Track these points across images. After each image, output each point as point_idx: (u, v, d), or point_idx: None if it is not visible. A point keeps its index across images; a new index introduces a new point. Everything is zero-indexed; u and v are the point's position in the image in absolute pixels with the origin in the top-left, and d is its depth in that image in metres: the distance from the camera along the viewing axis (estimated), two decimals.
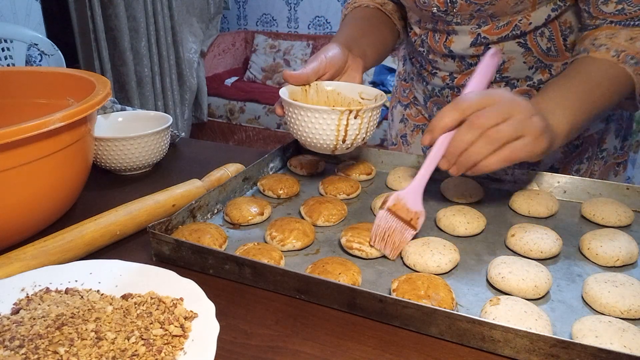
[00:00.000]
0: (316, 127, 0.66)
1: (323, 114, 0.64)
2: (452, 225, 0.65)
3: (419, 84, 0.99)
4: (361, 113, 0.65)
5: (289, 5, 3.91)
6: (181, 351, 0.43)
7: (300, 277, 0.52)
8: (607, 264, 0.59)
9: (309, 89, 0.74)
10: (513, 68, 0.83)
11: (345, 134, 0.66)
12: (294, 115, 0.67)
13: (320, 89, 0.75)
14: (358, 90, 0.75)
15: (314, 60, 0.74)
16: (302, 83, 0.73)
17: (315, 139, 0.67)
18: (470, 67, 0.85)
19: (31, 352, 0.41)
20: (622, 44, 0.69)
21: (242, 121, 3.51)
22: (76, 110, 0.59)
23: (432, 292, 0.50)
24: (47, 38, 1.84)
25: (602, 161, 0.93)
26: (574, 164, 0.91)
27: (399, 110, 1.08)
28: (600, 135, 0.91)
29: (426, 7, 0.81)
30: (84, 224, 0.61)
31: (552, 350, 0.43)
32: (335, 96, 0.76)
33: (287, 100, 0.67)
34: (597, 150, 0.92)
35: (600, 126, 0.89)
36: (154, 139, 0.83)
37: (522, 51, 0.81)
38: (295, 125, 0.68)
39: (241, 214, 0.67)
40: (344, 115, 0.64)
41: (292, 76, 0.72)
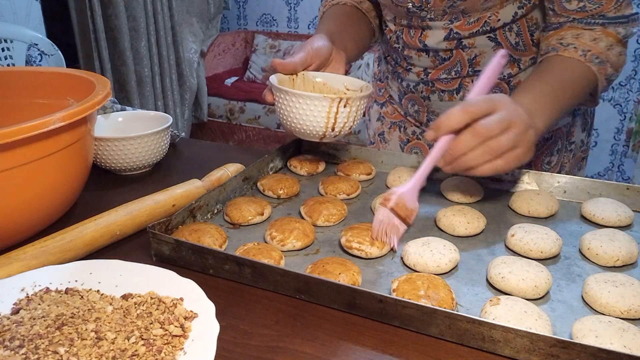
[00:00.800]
0: (307, 114, 0.67)
1: (315, 101, 0.65)
2: (452, 225, 0.65)
3: (394, 82, 1.01)
4: (351, 101, 0.66)
5: (289, 5, 3.91)
6: (181, 351, 0.43)
7: (300, 277, 0.52)
8: (607, 264, 0.59)
9: (296, 78, 0.75)
10: (484, 62, 0.86)
11: (335, 121, 0.67)
12: (284, 102, 0.68)
13: (307, 79, 0.77)
14: (343, 82, 0.77)
15: (301, 50, 0.76)
16: (290, 72, 0.75)
17: (305, 125, 0.68)
18: (444, 61, 0.88)
19: (31, 352, 0.41)
20: (588, 43, 0.74)
21: (242, 121, 3.51)
22: (76, 110, 0.59)
23: (432, 292, 0.50)
24: (47, 38, 1.84)
25: (571, 154, 0.98)
26: (544, 156, 0.96)
27: (375, 110, 1.11)
28: (568, 128, 0.96)
29: (401, 4, 0.84)
30: (84, 224, 0.61)
31: (552, 350, 0.43)
32: (321, 86, 0.77)
33: (279, 87, 0.68)
34: (566, 143, 0.96)
35: (567, 120, 0.95)
36: (154, 139, 0.83)
37: (492, 45, 0.85)
38: (286, 112, 0.69)
39: (241, 214, 0.67)
40: (335, 102, 0.65)
41: (282, 64, 0.74)
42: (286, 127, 0.72)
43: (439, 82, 0.91)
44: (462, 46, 0.85)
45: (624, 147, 2.98)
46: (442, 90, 0.92)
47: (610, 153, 3.07)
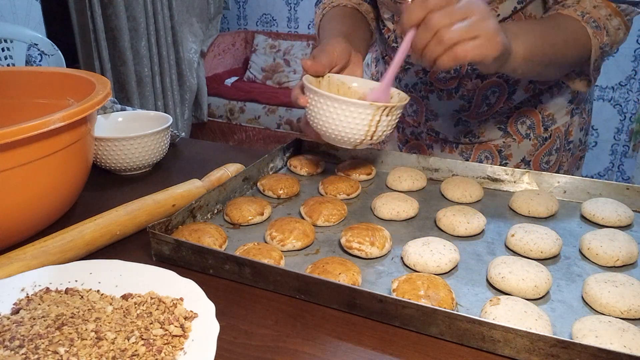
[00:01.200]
0: (349, 121, 0.64)
1: (359, 108, 0.63)
2: (452, 225, 0.65)
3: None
4: (394, 110, 0.65)
5: (289, 5, 3.91)
6: (181, 351, 0.43)
7: (300, 277, 0.52)
8: (607, 264, 0.59)
9: (322, 80, 0.73)
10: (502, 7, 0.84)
11: (375, 129, 0.66)
12: (323, 107, 0.65)
13: (332, 82, 0.74)
14: (369, 86, 0.74)
15: (323, 53, 0.73)
16: (320, 74, 0.73)
17: (344, 132, 0.66)
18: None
19: (31, 352, 0.41)
20: (587, 8, 0.74)
21: (242, 121, 3.51)
22: (76, 110, 0.59)
23: (432, 292, 0.50)
24: (47, 38, 1.84)
25: (569, 153, 0.98)
26: (543, 155, 0.96)
27: None
28: (567, 127, 0.96)
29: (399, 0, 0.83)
30: (84, 224, 0.61)
31: (552, 350, 0.43)
32: (346, 90, 0.75)
33: (318, 91, 0.65)
34: (564, 142, 0.96)
35: (566, 119, 0.95)
36: (154, 139, 0.83)
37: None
38: (323, 117, 0.66)
39: (241, 214, 0.67)
40: (379, 110, 0.64)
41: (313, 66, 0.71)
42: (319, 131, 0.69)
43: (437, 82, 0.91)
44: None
45: (624, 147, 2.98)
46: (441, 90, 0.91)
47: (610, 153, 3.07)
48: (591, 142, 3.07)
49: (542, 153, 0.95)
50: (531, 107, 0.92)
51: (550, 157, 0.96)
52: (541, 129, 0.94)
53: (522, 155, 0.95)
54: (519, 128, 0.93)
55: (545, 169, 0.96)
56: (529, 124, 0.93)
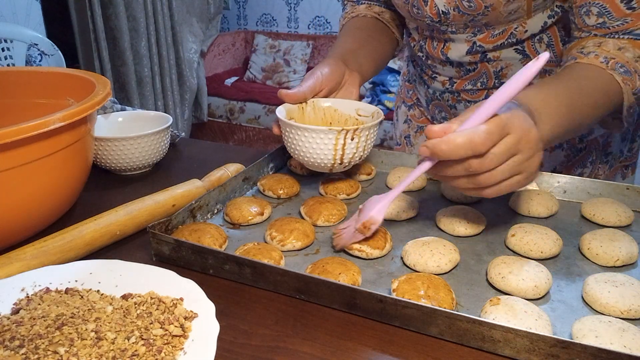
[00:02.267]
0: (313, 147, 0.66)
1: (320, 134, 0.64)
2: (452, 225, 0.65)
3: (421, 87, 0.99)
4: (358, 132, 0.64)
5: (289, 5, 3.91)
6: (181, 351, 0.43)
7: (300, 277, 0.52)
8: (607, 264, 0.59)
9: (306, 106, 0.75)
10: (511, 75, 0.81)
11: (342, 153, 0.66)
12: (291, 135, 0.67)
13: (317, 106, 0.75)
14: (355, 107, 0.75)
15: (310, 77, 0.73)
16: (298, 102, 0.73)
17: (312, 158, 0.67)
18: (469, 73, 0.85)
19: (31, 352, 0.41)
20: (611, 52, 0.67)
21: (242, 121, 3.51)
22: (76, 110, 0.59)
23: (432, 292, 0.50)
24: (47, 38, 1.84)
25: (607, 165, 0.91)
26: (576, 167, 0.91)
27: (403, 111, 1.09)
28: (605, 139, 0.89)
29: (420, 18, 0.81)
30: (84, 224, 0.61)
31: (552, 350, 0.43)
32: (332, 113, 0.76)
33: (284, 121, 0.67)
34: (601, 155, 0.90)
35: (603, 130, 0.87)
36: (154, 139, 0.83)
37: (520, 58, 0.80)
38: (293, 145, 0.68)
39: (241, 214, 0.67)
40: (341, 134, 0.64)
41: (288, 95, 0.72)
42: (295, 157, 0.71)
43: (464, 93, 0.87)
44: (487, 59, 0.81)
45: None
46: (469, 101, 0.88)
47: None
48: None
49: (575, 165, 0.90)
50: None
51: (584, 169, 0.89)
52: (576, 139, 0.87)
53: (553, 165, 0.90)
54: None
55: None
56: None
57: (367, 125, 0.65)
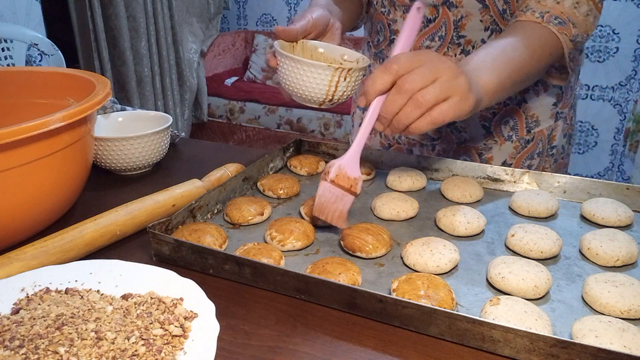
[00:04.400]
0: (310, 81, 0.68)
1: (319, 69, 0.67)
2: (452, 225, 0.65)
3: (376, 66, 0.99)
4: (352, 72, 0.68)
5: (289, 5, 3.91)
6: (181, 351, 0.43)
7: (300, 277, 0.52)
8: (607, 264, 0.59)
9: (296, 45, 0.77)
10: (470, 26, 0.84)
11: (335, 89, 0.69)
12: (289, 68, 0.69)
13: (306, 47, 0.78)
14: (340, 52, 0.78)
15: (302, 19, 0.76)
16: (292, 39, 0.75)
17: (307, 92, 0.70)
18: (429, 23, 0.86)
19: (31, 352, 0.41)
20: (549, 5, 0.73)
21: (242, 121, 3.51)
22: (76, 110, 0.59)
23: (432, 292, 0.50)
24: (47, 38, 1.84)
25: (552, 159, 0.96)
26: (525, 159, 0.94)
27: (358, 115, 1.10)
28: (550, 132, 0.94)
29: None
30: (84, 224, 0.61)
31: (552, 350, 0.43)
32: (319, 55, 0.78)
33: (285, 53, 0.69)
34: (547, 147, 0.95)
35: (550, 122, 0.93)
36: (154, 139, 0.83)
37: (479, 7, 0.82)
38: (289, 78, 0.70)
39: (241, 214, 0.67)
40: (337, 72, 0.67)
41: (284, 31, 0.74)
42: (287, 91, 0.73)
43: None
44: (449, 3, 0.83)
45: (624, 147, 2.98)
46: None
47: (610, 153, 3.07)
48: (591, 142, 3.07)
49: (524, 156, 0.94)
50: (515, 105, 0.91)
51: (532, 161, 0.94)
52: (524, 131, 0.92)
53: (503, 157, 0.94)
54: (502, 129, 0.92)
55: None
56: (512, 125, 0.92)
57: (359, 67, 0.69)
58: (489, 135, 0.93)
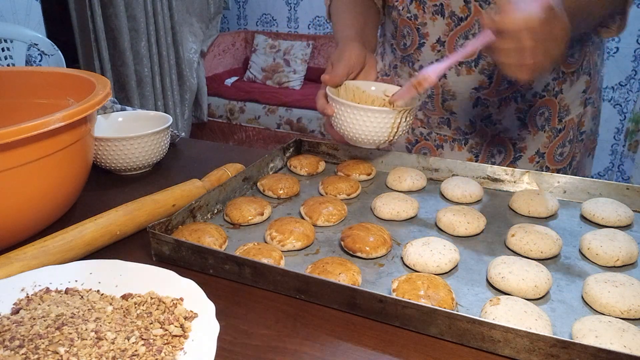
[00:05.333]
0: (374, 126, 0.72)
1: (382, 114, 0.70)
2: (452, 225, 0.65)
3: (404, 69, 0.98)
4: (412, 111, 0.72)
5: (289, 5, 3.91)
6: (181, 351, 0.43)
7: (300, 277, 0.52)
8: (607, 264, 0.59)
9: (340, 88, 0.80)
10: None
11: (397, 130, 0.73)
12: (349, 115, 0.72)
13: (349, 88, 0.81)
14: (382, 89, 0.80)
15: (341, 60, 0.78)
16: (338, 85, 0.78)
17: (369, 135, 0.73)
18: (460, 22, 0.85)
19: (31, 352, 0.41)
20: None
21: (242, 121, 3.51)
22: (76, 110, 0.59)
23: (432, 292, 0.50)
24: (47, 38, 1.84)
25: (582, 144, 0.97)
26: (557, 147, 0.95)
27: None
28: (580, 118, 0.95)
29: None
30: (84, 224, 0.61)
31: (552, 350, 0.43)
32: (360, 94, 0.81)
33: (344, 102, 0.72)
34: (577, 133, 0.96)
35: (579, 110, 0.94)
36: (154, 139, 0.83)
37: None
38: (350, 124, 0.73)
39: (241, 214, 0.67)
40: (400, 114, 0.71)
41: (331, 80, 0.77)
42: (346, 136, 0.76)
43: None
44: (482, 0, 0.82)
45: (624, 147, 2.98)
46: (460, 63, 0.88)
47: (610, 153, 3.07)
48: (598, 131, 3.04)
49: (556, 145, 0.94)
50: (552, 96, 0.91)
51: (563, 149, 0.95)
52: (556, 120, 0.93)
53: (536, 147, 0.94)
54: (536, 120, 0.92)
55: (559, 160, 0.95)
56: (546, 116, 0.92)
57: (417, 105, 0.73)
58: (523, 126, 0.93)
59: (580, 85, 0.92)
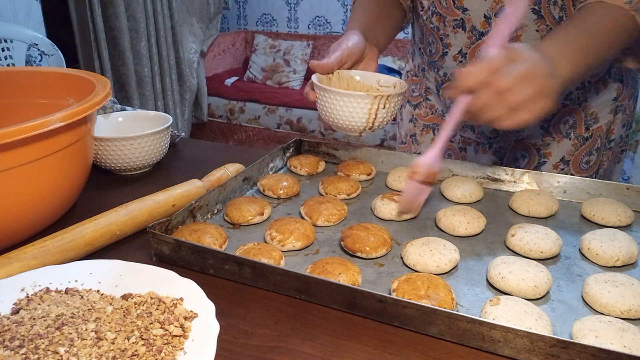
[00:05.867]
0: (350, 111, 0.70)
1: (358, 99, 0.69)
2: (452, 225, 0.65)
3: (431, 73, 0.99)
4: (390, 98, 0.70)
5: (289, 5, 3.91)
6: (181, 351, 0.43)
7: (300, 277, 0.52)
8: (607, 264, 0.59)
9: (332, 76, 0.79)
10: (526, 37, 0.82)
11: (375, 117, 0.71)
12: (328, 100, 0.71)
13: (342, 77, 0.80)
14: (376, 79, 0.79)
15: (337, 49, 0.77)
16: (327, 72, 0.77)
17: (347, 121, 0.72)
18: (482, 36, 0.85)
19: (31, 352, 0.41)
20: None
21: (242, 121, 3.51)
22: (76, 110, 0.59)
23: (432, 292, 0.50)
24: (47, 38, 1.84)
25: (610, 152, 0.95)
26: (583, 156, 0.93)
27: (407, 110, 1.09)
28: (609, 126, 0.92)
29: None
30: (84, 224, 0.61)
31: (552, 350, 0.43)
32: (355, 83, 0.80)
33: (323, 86, 0.71)
34: (605, 142, 0.93)
35: (609, 117, 0.91)
36: (154, 139, 0.83)
37: (535, 18, 0.81)
38: (329, 109, 0.72)
39: (241, 214, 0.67)
40: (376, 100, 0.69)
41: (319, 65, 0.76)
42: (327, 122, 0.76)
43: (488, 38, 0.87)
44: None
45: None
46: None
47: None
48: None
49: (582, 153, 0.92)
50: (576, 105, 0.89)
51: (590, 157, 0.93)
52: (582, 128, 0.90)
53: (561, 154, 0.92)
54: (560, 127, 0.90)
55: (585, 168, 0.93)
56: (571, 123, 0.90)
57: (397, 92, 0.71)
58: (547, 133, 0.91)
59: (610, 93, 0.90)
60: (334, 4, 3.77)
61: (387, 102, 0.69)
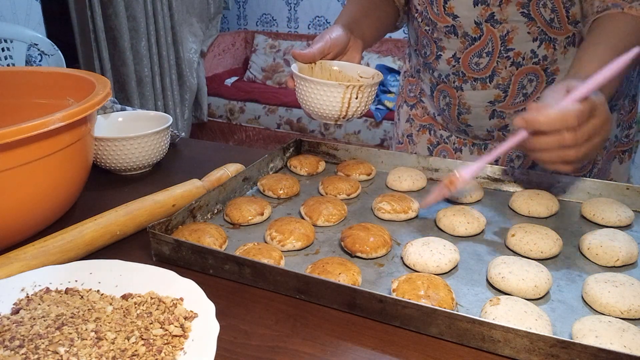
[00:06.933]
0: (324, 99, 0.73)
1: (331, 88, 0.71)
2: (452, 225, 0.65)
3: (426, 74, 0.99)
4: (363, 89, 0.72)
5: (289, 5, 3.91)
6: (181, 351, 0.43)
7: (300, 277, 0.52)
8: (607, 264, 0.59)
9: (314, 66, 0.81)
10: (517, 39, 0.82)
11: (348, 106, 0.73)
12: (304, 88, 0.74)
13: (324, 67, 0.82)
14: (357, 70, 0.81)
15: (320, 40, 0.79)
16: (309, 61, 0.80)
17: (322, 109, 0.74)
18: (474, 42, 0.85)
19: (31, 352, 0.41)
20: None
21: (242, 121, 3.51)
22: (76, 110, 0.59)
23: (432, 292, 0.50)
24: (47, 38, 1.84)
25: (605, 151, 0.95)
26: None
27: (404, 110, 1.09)
28: None
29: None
30: (84, 224, 0.61)
31: (552, 350, 0.43)
32: (337, 74, 0.82)
33: (299, 75, 0.74)
34: None
35: None
36: (154, 139, 0.83)
37: (525, 20, 0.81)
38: (305, 97, 0.75)
39: (241, 214, 0.67)
40: (349, 90, 0.71)
41: (300, 54, 0.79)
42: (305, 110, 0.78)
43: (470, 71, 0.88)
44: (493, 21, 0.81)
45: None
46: (475, 79, 0.88)
47: None
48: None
49: None
50: None
51: None
52: None
53: None
54: None
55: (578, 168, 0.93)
56: None
57: (370, 83, 0.73)
58: None
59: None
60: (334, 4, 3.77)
61: (359, 92, 0.72)
